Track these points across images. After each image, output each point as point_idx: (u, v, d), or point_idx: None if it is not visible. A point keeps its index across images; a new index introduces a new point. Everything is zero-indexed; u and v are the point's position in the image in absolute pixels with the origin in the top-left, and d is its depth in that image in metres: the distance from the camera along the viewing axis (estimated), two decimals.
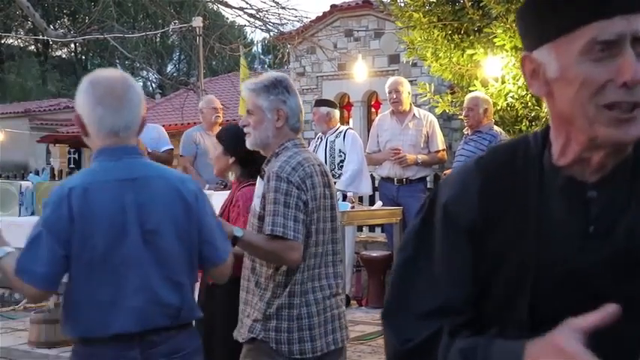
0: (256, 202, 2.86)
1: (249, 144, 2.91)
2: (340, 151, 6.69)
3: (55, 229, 2.17)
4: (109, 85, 2.25)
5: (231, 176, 3.57)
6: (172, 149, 7.09)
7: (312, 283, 2.82)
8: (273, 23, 10.61)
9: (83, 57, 36.97)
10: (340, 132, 6.75)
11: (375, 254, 7.02)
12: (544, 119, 6.72)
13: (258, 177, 2.94)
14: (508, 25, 6.66)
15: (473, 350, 1.17)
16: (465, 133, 6.59)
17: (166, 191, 2.29)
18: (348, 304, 6.22)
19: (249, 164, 3.40)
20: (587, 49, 1.16)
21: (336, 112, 6.89)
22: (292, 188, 2.72)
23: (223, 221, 2.80)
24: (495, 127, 6.47)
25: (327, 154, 6.76)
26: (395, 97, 6.79)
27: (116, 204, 2.21)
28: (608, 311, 1.06)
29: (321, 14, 14.14)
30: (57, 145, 20.96)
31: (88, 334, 2.23)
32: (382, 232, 7.44)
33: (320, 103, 7.11)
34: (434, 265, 1.27)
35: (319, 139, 6.89)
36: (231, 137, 3.50)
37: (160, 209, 2.26)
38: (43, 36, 11.13)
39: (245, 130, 2.91)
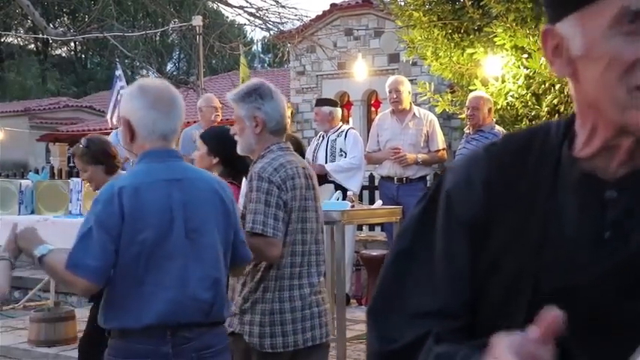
0: (241, 202, 3.02)
1: (239, 150, 3.05)
2: (341, 150, 6.70)
3: (107, 225, 2.29)
4: (158, 91, 2.44)
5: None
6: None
7: (291, 280, 2.92)
8: (273, 22, 10.60)
9: (83, 55, 36.96)
10: (342, 131, 6.76)
11: (374, 253, 7.02)
12: (544, 118, 6.72)
13: (244, 178, 3.07)
14: (508, 25, 6.65)
15: (450, 358, 1.04)
16: (467, 132, 6.59)
17: (208, 192, 2.46)
18: (347, 303, 6.22)
19: (231, 165, 3.55)
20: (618, 20, 0.99)
21: (339, 111, 6.90)
22: (273, 188, 2.85)
23: None
24: (497, 127, 6.47)
25: (328, 152, 6.76)
26: (395, 96, 6.78)
27: (164, 202, 2.36)
28: (549, 320, 0.90)
29: (321, 13, 14.15)
30: (56, 143, 20.96)
31: (125, 325, 2.34)
32: (382, 231, 7.44)
33: (322, 102, 7.11)
34: (432, 261, 1.12)
35: (321, 138, 6.89)
36: (216, 138, 3.64)
37: (202, 209, 2.42)
38: (43, 34, 11.14)
39: (235, 137, 3.05)
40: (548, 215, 1.06)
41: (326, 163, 6.61)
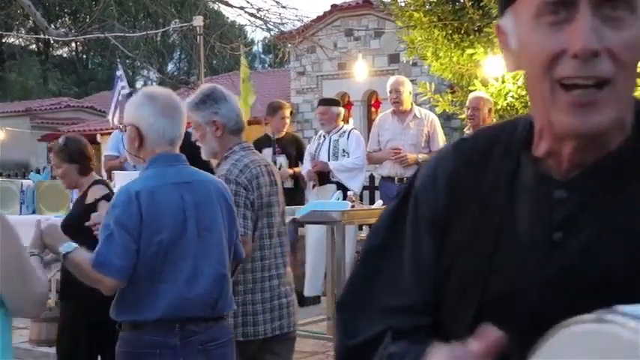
0: None
1: (203, 156, 3.18)
2: (344, 150, 6.74)
3: (128, 226, 2.44)
4: (165, 99, 2.59)
5: None
6: None
7: (262, 273, 3.10)
8: (274, 22, 10.62)
9: (84, 56, 36.98)
10: (344, 132, 6.79)
11: None
12: None
13: None
14: None
15: (400, 357, 1.02)
16: (467, 132, 6.60)
17: (215, 193, 2.63)
18: None
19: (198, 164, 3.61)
20: (541, 11, 0.95)
21: (342, 112, 6.99)
22: (240, 189, 3.02)
23: None
24: None
25: (331, 153, 6.78)
26: (395, 96, 6.79)
27: (177, 204, 2.52)
28: (490, 338, 0.86)
29: (321, 14, 14.16)
30: None
31: (138, 318, 2.48)
32: None
33: (329, 102, 7.15)
34: (401, 259, 1.10)
35: (322, 138, 6.90)
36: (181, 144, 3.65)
37: (211, 209, 2.59)
38: (44, 35, 11.16)
39: (197, 143, 3.17)
40: (505, 216, 1.02)
41: (349, 184, 6.65)
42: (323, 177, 6.80)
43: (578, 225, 0.97)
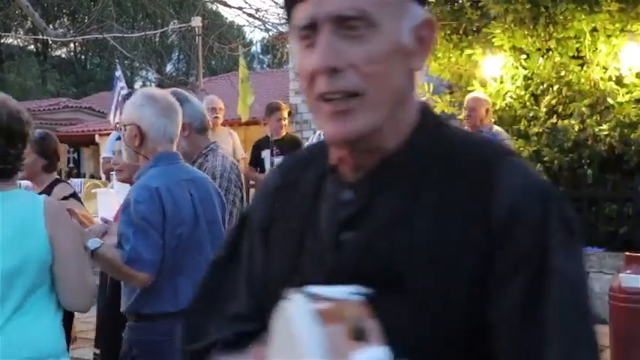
0: None
1: None
2: None
3: (153, 221, 2.54)
4: (164, 99, 2.69)
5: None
6: None
7: None
8: (273, 23, 10.62)
9: (82, 56, 36.98)
10: None
11: None
12: (542, 119, 6.75)
13: None
14: (506, 25, 6.68)
15: None
16: None
17: (211, 189, 2.78)
18: None
19: None
20: (300, 36, 1.04)
21: None
22: (231, 185, 3.20)
23: None
24: (495, 127, 6.48)
25: None
26: None
27: (188, 200, 2.64)
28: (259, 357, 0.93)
29: None
30: None
31: (163, 310, 2.56)
32: None
33: None
34: (240, 267, 1.18)
35: (321, 137, 6.89)
36: None
37: (212, 204, 2.73)
38: (43, 35, 11.16)
39: None
40: (309, 221, 1.09)
41: None
42: None
43: (360, 224, 1.04)
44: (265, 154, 7.19)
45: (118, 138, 3.94)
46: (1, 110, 2.13)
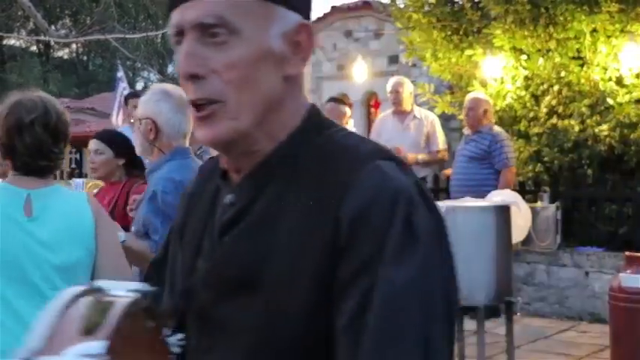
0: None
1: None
2: None
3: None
4: (178, 95, 2.74)
5: (114, 177, 3.72)
6: None
7: None
8: None
9: (84, 57, 36.99)
10: None
11: None
12: (542, 119, 6.76)
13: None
14: (507, 26, 6.69)
15: None
16: (466, 133, 6.62)
17: None
18: None
19: (137, 165, 3.67)
20: (174, 41, 1.08)
21: (350, 113, 7.06)
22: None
23: None
24: (496, 127, 6.49)
25: None
26: (394, 97, 6.82)
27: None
28: None
29: (321, 15, 14.18)
30: None
31: None
32: None
33: (339, 101, 7.19)
34: (167, 268, 1.22)
35: None
36: (120, 141, 3.72)
37: None
38: (45, 36, 11.18)
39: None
40: (207, 224, 1.11)
41: None
42: None
43: (236, 226, 1.06)
44: None
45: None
46: (51, 110, 2.16)
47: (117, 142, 3.74)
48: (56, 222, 2.09)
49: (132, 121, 6.55)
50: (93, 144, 3.74)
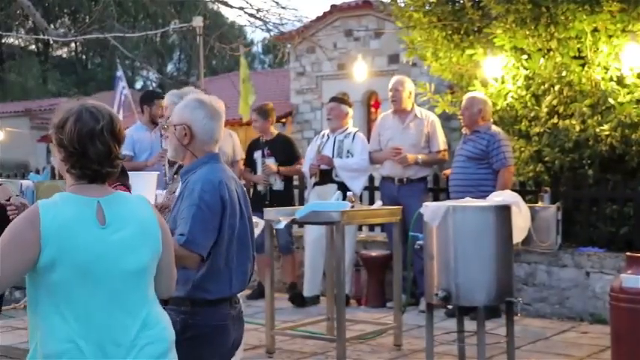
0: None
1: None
2: (348, 151, 6.82)
3: (215, 210, 2.83)
4: (211, 104, 3.00)
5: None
6: None
7: None
8: (274, 23, 10.62)
9: (84, 56, 36.94)
10: (349, 133, 6.86)
11: (374, 254, 7.03)
12: (543, 119, 6.74)
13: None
14: (508, 26, 6.67)
15: None
16: (464, 132, 6.61)
17: (243, 189, 3.09)
18: (347, 303, 6.24)
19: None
20: None
21: (351, 113, 7.08)
22: None
23: None
24: (494, 127, 6.47)
25: (335, 152, 6.81)
26: (393, 95, 6.81)
27: (235, 195, 2.94)
28: None
29: (321, 14, 14.15)
30: None
31: (215, 295, 2.86)
32: (382, 231, 7.45)
33: (340, 100, 7.17)
34: None
35: (325, 137, 6.90)
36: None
37: (247, 201, 3.04)
38: (44, 35, 11.15)
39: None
40: None
41: (350, 184, 6.67)
42: (325, 175, 6.81)
43: None
44: (257, 155, 7.20)
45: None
46: (114, 118, 2.23)
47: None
48: (128, 227, 2.16)
49: (160, 122, 6.47)
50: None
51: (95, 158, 2.16)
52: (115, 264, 2.11)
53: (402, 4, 7.53)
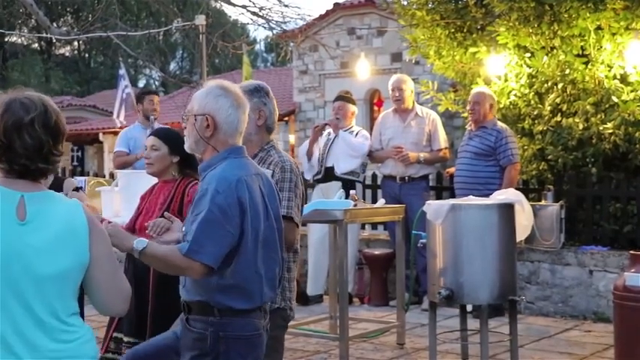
0: None
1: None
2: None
3: (230, 213, 2.53)
4: (236, 93, 2.70)
5: (167, 175, 3.76)
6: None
7: (294, 256, 3.27)
8: (276, 21, 10.59)
9: (86, 55, 36.96)
10: (353, 132, 6.86)
11: (377, 252, 7.02)
12: (546, 117, 6.73)
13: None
14: (511, 24, 6.65)
15: None
16: (468, 129, 6.59)
17: (273, 185, 2.82)
18: (350, 301, 6.23)
19: (189, 164, 3.68)
20: None
21: (356, 111, 7.12)
22: (298, 179, 3.21)
23: None
24: (500, 123, 6.46)
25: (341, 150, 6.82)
26: (397, 94, 6.79)
27: (259, 194, 2.66)
28: None
29: (324, 12, 14.14)
30: None
31: (249, 305, 2.61)
32: (385, 229, 7.44)
33: (347, 99, 7.18)
34: None
35: (332, 135, 6.88)
36: (174, 138, 3.70)
37: (276, 199, 2.78)
38: (47, 34, 11.14)
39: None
40: None
41: (342, 161, 6.69)
42: (329, 176, 6.80)
43: None
44: None
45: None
46: (50, 109, 2.04)
47: (170, 138, 3.74)
48: (50, 228, 1.97)
49: (151, 116, 6.54)
50: (150, 140, 3.79)
51: (22, 152, 1.97)
52: (27, 263, 1.92)
53: (405, 2, 7.53)
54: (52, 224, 1.97)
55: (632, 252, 4.68)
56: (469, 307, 4.97)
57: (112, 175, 8.35)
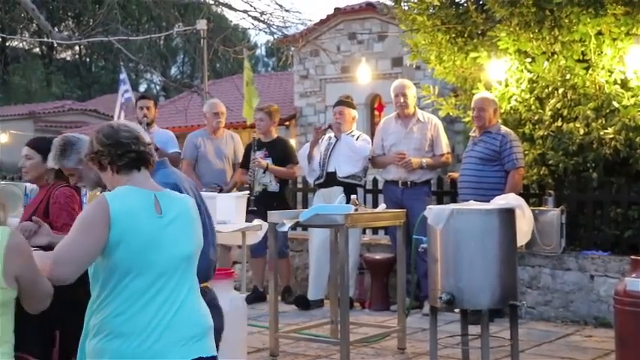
0: None
1: None
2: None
3: None
4: None
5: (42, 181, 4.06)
6: (179, 153, 7.13)
7: None
8: (277, 26, 10.61)
9: (87, 59, 37.03)
10: (353, 136, 6.86)
11: (378, 257, 7.02)
12: (547, 122, 6.74)
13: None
14: (512, 29, 6.67)
15: None
16: (472, 135, 6.59)
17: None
18: (351, 306, 6.23)
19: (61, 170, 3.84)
20: None
21: (357, 116, 7.13)
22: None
23: None
24: (504, 127, 6.47)
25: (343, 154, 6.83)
26: (402, 100, 6.78)
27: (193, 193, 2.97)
28: None
29: (324, 17, 14.17)
30: None
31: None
32: (386, 234, 7.44)
33: (348, 104, 7.19)
34: None
35: (334, 139, 6.87)
36: (47, 148, 3.87)
37: (203, 204, 3.02)
38: (48, 38, 11.17)
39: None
40: None
41: (344, 163, 6.70)
42: (330, 181, 6.80)
43: None
44: (255, 155, 7.20)
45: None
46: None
47: (45, 148, 3.95)
48: (179, 218, 2.47)
49: (142, 122, 6.58)
50: (24, 150, 4.17)
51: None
52: (169, 250, 2.40)
53: (406, 7, 7.53)
54: (180, 215, 2.49)
55: (633, 257, 4.68)
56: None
57: None
